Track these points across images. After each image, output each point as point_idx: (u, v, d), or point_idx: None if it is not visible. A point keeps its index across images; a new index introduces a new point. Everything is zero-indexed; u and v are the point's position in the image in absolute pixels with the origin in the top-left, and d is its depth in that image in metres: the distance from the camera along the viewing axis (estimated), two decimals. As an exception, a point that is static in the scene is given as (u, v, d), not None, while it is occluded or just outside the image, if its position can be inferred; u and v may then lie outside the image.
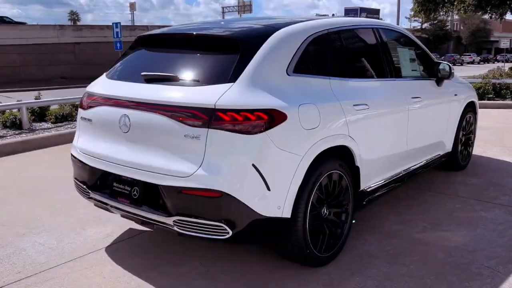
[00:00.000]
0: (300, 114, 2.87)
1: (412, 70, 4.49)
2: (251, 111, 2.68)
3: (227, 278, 3.09)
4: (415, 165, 4.42)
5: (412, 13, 46.12)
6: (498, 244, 3.59)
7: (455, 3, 31.30)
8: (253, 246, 3.51)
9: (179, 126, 2.74)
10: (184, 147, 2.75)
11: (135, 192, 2.98)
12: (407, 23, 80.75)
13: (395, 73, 4.10)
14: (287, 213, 2.85)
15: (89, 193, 3.31)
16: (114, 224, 3.98)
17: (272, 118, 2.71)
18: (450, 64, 4.70)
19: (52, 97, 10.92)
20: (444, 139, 5.01)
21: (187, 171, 2.71)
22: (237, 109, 2.67)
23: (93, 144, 3.27)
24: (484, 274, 3.12)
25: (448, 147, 5.15)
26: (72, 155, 3.48)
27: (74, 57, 32.73)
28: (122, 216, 3.21)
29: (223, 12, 63.81)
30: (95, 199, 3.28)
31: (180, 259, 3.36)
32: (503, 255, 3.40)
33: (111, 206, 3.16)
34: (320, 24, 3.42)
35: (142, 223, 3.09)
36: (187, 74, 2.99)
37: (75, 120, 9.25)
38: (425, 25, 71.50)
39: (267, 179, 2.72)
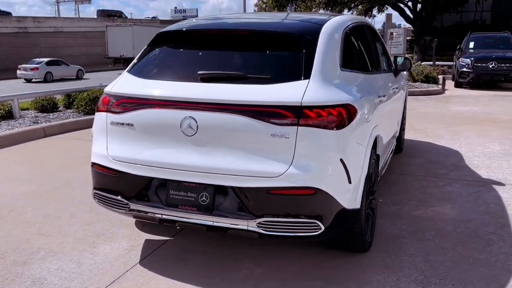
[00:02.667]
0: (363, 107, 2.99)
1: (384, 64, 4.90)
2: (333, 106, 2.72)
3: (294, 276, 3.07)
4: (390, 150, 4.85)
5: (256, 8, 47.72)
6: (481, 212, 4.17)
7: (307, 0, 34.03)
8: (285, 240, 3.52)
9: (263, 126, 2.66)
10: (269, 147, 2.67)
11: (203, 198, 2.80)
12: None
13: (382, 66, 4.46)
14: (358, 204, 2.97)
15: (127, 205, 2.99)
16: (125, 237, 3.63)
17: (349, 112, 2.79)
18: (409, 57, 5.22)
19: None
20: (397, 125, 5.55)
21: (277, 170, 2.65)
22: (322, 106, 2.68)
23: (135, 150, 2.95)
24: (493, 239, 3.62)
25: (397, 132, 5.72)
26: (97, 164, 3.09)
27: None
28: (180, 226, 2.97)
29: (58, 2, 59.18)
30: (139, 211, 2.98)
31: (228, 263, 3.23)
32: (493, 221, 3.96)
33: (168, 216, 2.90)
34: (343, 21, 3.55)
35: (208, 229, 2.90)
36: (253, 72, 2.87)
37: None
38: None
39: (350, 172, 2.80)
